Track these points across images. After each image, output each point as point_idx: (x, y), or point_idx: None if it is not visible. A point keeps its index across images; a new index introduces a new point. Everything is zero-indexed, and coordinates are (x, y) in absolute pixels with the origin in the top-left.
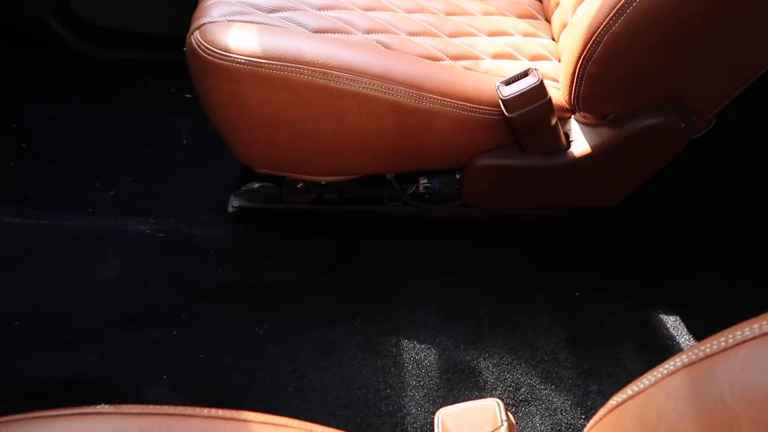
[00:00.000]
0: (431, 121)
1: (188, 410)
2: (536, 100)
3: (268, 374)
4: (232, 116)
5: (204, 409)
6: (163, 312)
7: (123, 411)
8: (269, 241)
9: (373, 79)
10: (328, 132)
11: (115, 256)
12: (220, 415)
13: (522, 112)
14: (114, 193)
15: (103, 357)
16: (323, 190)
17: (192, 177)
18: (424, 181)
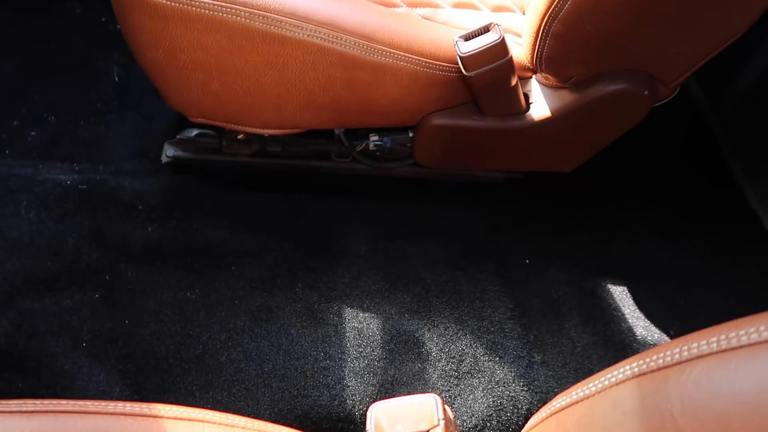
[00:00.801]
0: (383, 75)
1: (89, 405)
2: (496, 58)
3: (199, 342)
4: (160, 59)
5: (109, 404)
6: (83, 273)
7: (10, 408)
8: (205, 196)
9: (319, 26)
10: (269, 82)
11: (29, 209)
12: (128, 410)
13: (480, 71)
14: (35, 134)
15: (13, 323)
16: (266, 143)
17: (123, 119)
18: (374, 137)
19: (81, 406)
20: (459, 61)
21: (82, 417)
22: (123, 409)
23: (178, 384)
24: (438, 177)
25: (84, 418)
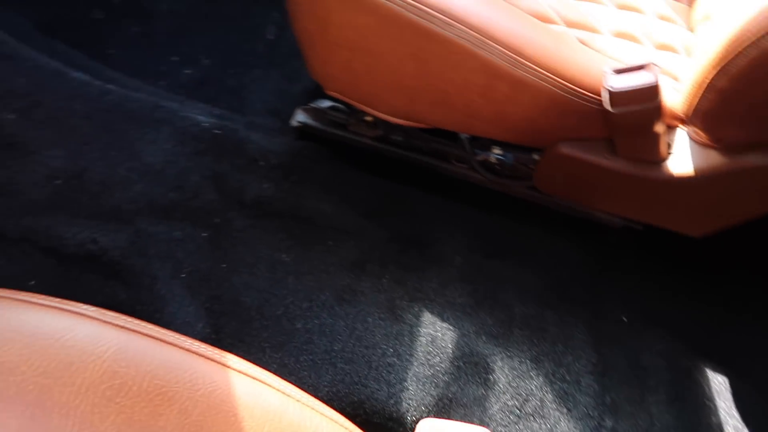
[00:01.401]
0: (522, 91)
1: (170, 336)
2: (646, 101)
3: (282, 303)
4: (312, 29)
5: (187, 340)
6: (198, 211)
7: (106, 319)
8: (322, 168)
9: (470, 28)
10: (408, 73)
11: (167, 140)
12: (201, 351)
13: (625, 110)
14: (188, 72)
15: (130, 239)
16: (391, 130)
17: (267, 76)
18: (498, 151)
19: (162, 335)
20: (605, 95)
21: (160, 345)
22: (197, 349)
23: (254, 337)
24: (552, 205)
25: (162, 347)
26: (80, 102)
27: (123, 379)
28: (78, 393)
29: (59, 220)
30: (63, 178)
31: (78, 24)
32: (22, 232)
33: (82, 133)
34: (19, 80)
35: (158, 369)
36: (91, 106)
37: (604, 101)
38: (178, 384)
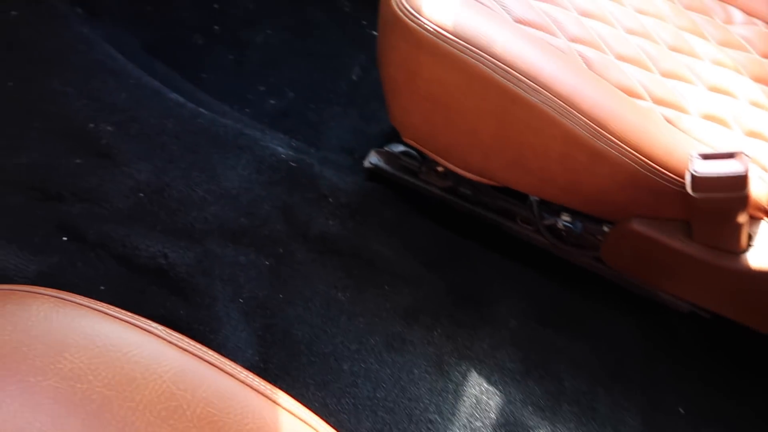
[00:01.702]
0: (601, 163)
1: (227, 365)
2: (732, 190)
3: (332, 342)
4: (399, 78)
5: (242, 371)
6: (264, 239)
7: (170, 339)
8: (388, 211)
9: (556, 96)
10: (487, 131)
11: (245, 167)
12: (255, 384)
13: (708, 196)
14: (273, 102)
15: (198, 257)
16: (460, 183)
17: (346, 114)
18: (567, 218)
19: (221, 363)
20: (688, 178)
21: (218, 373)
22: (251, 382)
23: (300, 371)
24: (616, 280)
25: (219, 375)
26: (172, 122)
27: (179, 401)
28: (136, 409)
29: (136, 231)
30: (146, 191)
31: (179, 47)
32: (101, 238)
33: (169, 151)
34: (121, 95)
35: (212, 397)
36: (181, 127)
37: (687, 184)
38: (229, 415)
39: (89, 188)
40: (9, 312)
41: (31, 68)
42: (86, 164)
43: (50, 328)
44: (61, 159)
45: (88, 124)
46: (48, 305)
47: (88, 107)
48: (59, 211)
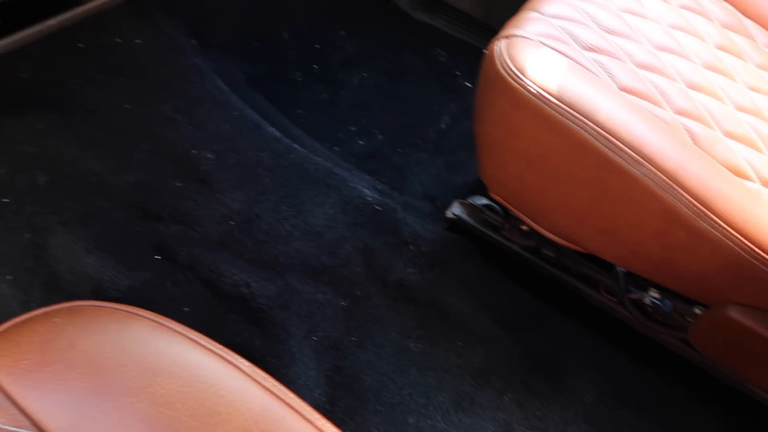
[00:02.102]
0: (700, 244)
1: (306, 410)
2: None
3: (399, 393)
4: (495, 135)
5: (320, 418)
6: (343, 280)
7: (255, 377)
8: (467, 264)
9: (659, 170)
10: (581, 198)
11: (332, 206)
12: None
13: None
14: (362, 143)
15: (278, 291)
16: (543, 244)
17: (431, 162)
18: (655, 294)
19: (301, 408)
20: None
21: (297, 417)
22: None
23: (365, 419)
24: (704, 366)
25: (298, 420)
26: (268, 155)
27: None
28: None
29: (224, 258)
30: (237, 220)
31: (279, 82)
32: (191, 261)
33: (262, 183)
34: (224, 125)
35: None
36: (276, 161)
37: None
38: None
39: (185, 211)
40: (112, 331)
41: (147, 93)
42: (185, 188)
43: (147, 352)
44: (164, 181)
45: (191, 150)
46: (147, 329)
47: (193, 134)
48: (156, 230)
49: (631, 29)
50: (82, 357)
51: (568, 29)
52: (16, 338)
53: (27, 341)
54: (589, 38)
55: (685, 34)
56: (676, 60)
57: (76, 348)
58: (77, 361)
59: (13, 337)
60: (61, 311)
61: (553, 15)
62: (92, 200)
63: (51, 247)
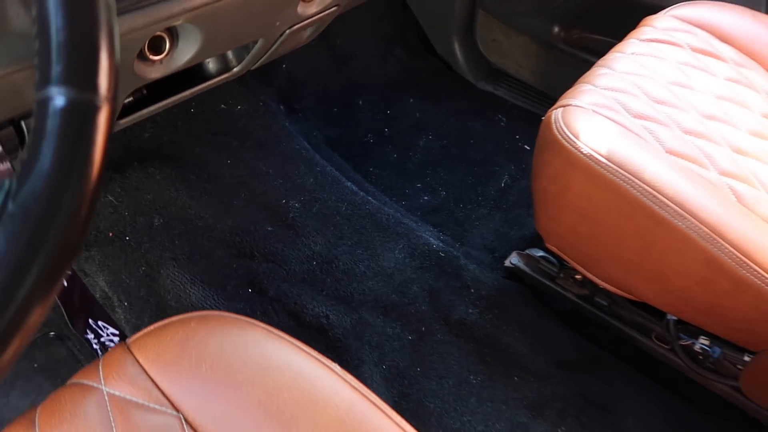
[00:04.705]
0: (744, 291)
1: (387, 408)
2: None
3: (459, 420)
4: (551, 191)
5: (397, 416)
6: (410, 316)
7: (346, 378)
8: (524, 308)
9: (702, 224)
10: (629, 248)
11: (401, 251)
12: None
13: None
14: (426, 198)
15: (354, 323)
16: (597, 293)
17: (491, 217)
18: (705, 341)
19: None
20: None
21: (379, 413)
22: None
23: None
24: (758, 416)
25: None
26: (346, 205)
27: (348, 428)
28: (316, 427)
29: (306, 292)
30: (318, 261)
31: (353, 143)
32: (278, 294)
33: (340, 229)
34: (309, 179)
35: (373, 430)
36: (352, 211)
37: None
38: None
39: (275, 252)
40: (234, 335)
41: (245, 151)
42: (275, 232)
43: (261, 352)
44: (257, 225)
45: (281, 200)
46: (261, 335)
47: (283, 186)
48: (249, 267)
49: (678, 99)
50: (211, 353)
51: (619, 99)
52: (160, 337)
53: (168, 340)
54: (639, 107)
55: (732, 104)
56: (722, 127)
57: (206, 346)
58: (207, 357)
59: (158, 336)
60: (194, 318)
61: (605, 87)
62: (198, 240)
63: (162, 279)
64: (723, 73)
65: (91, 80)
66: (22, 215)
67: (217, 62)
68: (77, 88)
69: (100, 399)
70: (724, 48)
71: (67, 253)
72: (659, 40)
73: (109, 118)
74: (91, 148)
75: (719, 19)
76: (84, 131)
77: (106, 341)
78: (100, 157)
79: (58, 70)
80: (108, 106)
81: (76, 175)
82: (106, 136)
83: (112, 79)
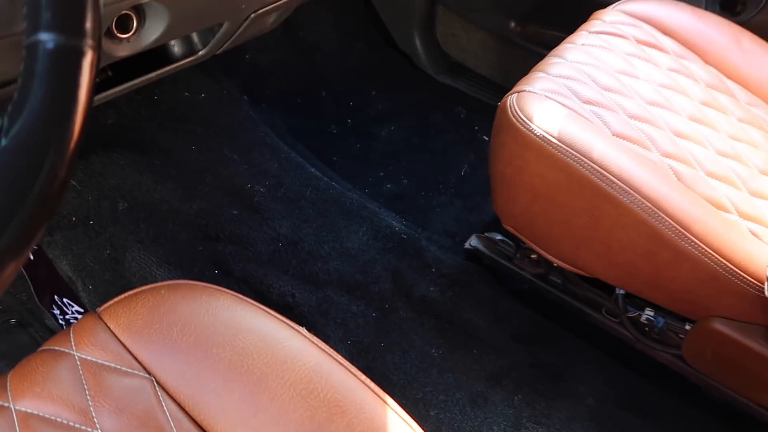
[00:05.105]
0: (683, 261)
1: (352, 368)
2: None
3: (422, 390)
4: (507, 172)
5: (362, 375)
6: (374, 294)
7: (312, 340)
8: (483, 287)
9: (645, 199)
10: (579, 224)
11: (365, 234)
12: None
13: None
14: (389, 186)
15: (318, 301)
16: (551, 271)
17: (451, 204)
18: (650, 312)
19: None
20: (766, 283)
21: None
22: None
23: None
24: (697, 381)
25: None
26: (310, 190)
27: (315, 385)
28: (284, 385)
29: (272, 273)
30: (284, 242)
31: (317, 133)
32: (244, 275)
33: (305, 213)
34: (273, 164)
35: (339, 387)
36: (317, 195)
37: (765, 289)
38: (351, 403)
39: (240, 234)
40: (204, 301)
41: (209, 137)
42: (241, 215)
43: (231, 316)
44: (223, 209)
45: (246, 184)
46: (230, 301)
47: (248, 171)
48: (215, 249)
49: (624, 87)
50: (181, 319)
51: (570, 86)
52: (131, 305)
53: (140, 307)
54: (588, 94)
55: (673, 92)
56: (664, 113)
57: (177, 312)
58: (178, 322)
59: (128, 304)
60: (164, 286)
61: (557, 75)
62: (163, 224)
63: (127, 262)
64: (665, 63)
65: (79, 27)
66: (16, 148)
67: (182, 45)
68: (66, 34)
69: (71, 363)
70: (666, 40)
71: (57, 185)
72: (607, 33)
73: (94, 63)
74: (79, 88)
75: (662, 13)
76: (72, 72)
77: (71, 318)
78: (86, 98)
79: (47, 17)
80: (93, 52)
81: (65, 112)
82: (92, 79)
83: (96, 27)
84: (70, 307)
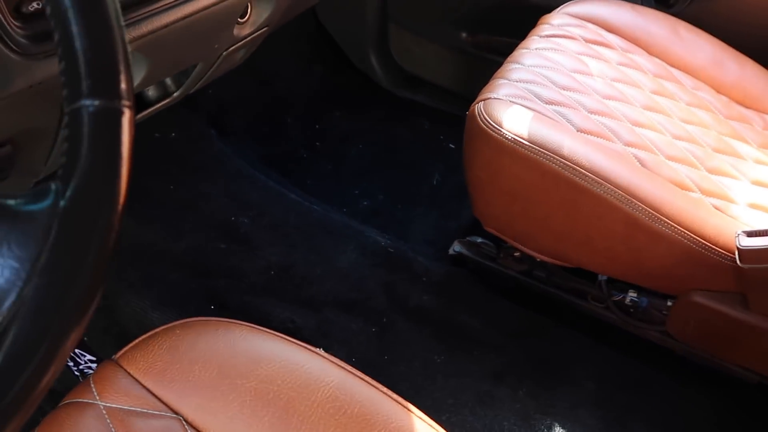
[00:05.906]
0: (659, 242)
1: (374, 382)
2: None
3: (431, 397)
4: (483, 177)
5: (383, 388)
6: (371, 310)
7: (331, 359)
8: (472, 289)
9: (616, 187)
10: (558, 218)
11: (353, 252)
12: (395, 397)
13: (756, 267)
14: (366, 203)
15: (318, 323)
16: (535, 267)
17: (429, 213)
18: (633, 294)
19: (368, 379)
20: (736, 252)
21: (367, 386)
22: (393, 395)
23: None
24: (684, 353)
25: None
26: (293, 216)
27: (341, 403)
28: (311, 406)
29: (269, 301)
30: (276, 270)
31: (288, 159)
32: (241, 307)
33: (292, 239)
34: (253, 195)
35: (365, 401)
36: (300, 220)
37: (737, 258)
38: (378, 415)
39: (231, 267)
40: (220, 335)
41: (186, 175)
42: (229, 248)
43: (250, 346)
44: (210, 244)
45: (230, 217)
46: (246, 331)
47: (229, 204)
48: (208, 285)
49: (580, 85)
50: (202, 355)
51: (531, 89)
52: (148, 348)
53: (157, 349)
54: (548, 95)
55: (625, 84)
56: (620, 105)
57: (196, 349)
58: (199, 359)
59: (145, 347)
60: (178, 325)
61: (517, 80)
62: (152, 265)
63: (120, 308)
64: (614, 59)
65: (116, 90)
66: (74, 210)
67: (156, 89)
68: (105, 98)
69: (98, 413)
70: (611, 37)
71: (112, 238)
72: (557, 35)
73: (132, 119)
74: (123, 146)
75: (605, 12)
76: (115, 132)
77: (85, 368)
78: (129, 153)
79: (87, 84)
80: (130, 110)
81: (114, 170)
82: (132, 135)
83: (130, 88)
84: (82, 357)
